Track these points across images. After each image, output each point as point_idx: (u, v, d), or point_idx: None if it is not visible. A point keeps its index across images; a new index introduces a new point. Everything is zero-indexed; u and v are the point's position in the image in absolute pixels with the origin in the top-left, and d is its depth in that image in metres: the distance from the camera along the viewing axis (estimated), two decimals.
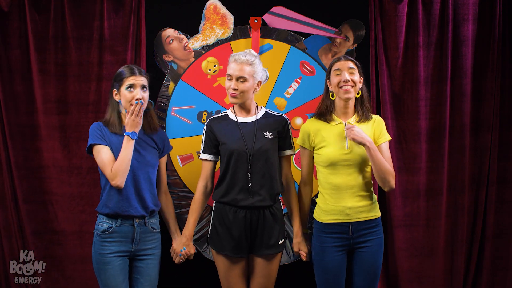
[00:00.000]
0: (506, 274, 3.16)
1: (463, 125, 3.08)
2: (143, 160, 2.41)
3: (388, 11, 3.03)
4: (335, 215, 2.40)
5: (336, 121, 2.45)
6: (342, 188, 2.39)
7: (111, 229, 2.35)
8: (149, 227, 2.42)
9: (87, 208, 2.99)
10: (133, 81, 2.38)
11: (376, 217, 2.44)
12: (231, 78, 2.44)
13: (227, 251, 2.44)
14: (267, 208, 2.45)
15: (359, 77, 2.43)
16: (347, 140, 2.39)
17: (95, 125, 2.43)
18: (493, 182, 3.13)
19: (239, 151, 2.42)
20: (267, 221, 2.44)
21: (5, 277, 3.01)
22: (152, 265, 2.43)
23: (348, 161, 2.38)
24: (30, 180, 2.99)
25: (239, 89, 2.42)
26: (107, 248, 2.34)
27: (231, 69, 2.44)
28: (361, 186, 2.40)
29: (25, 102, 2.98)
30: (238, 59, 2.43)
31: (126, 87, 2.38)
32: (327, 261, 2.40)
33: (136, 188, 2.38)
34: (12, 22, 2.95)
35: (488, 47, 3.10)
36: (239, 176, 2.42)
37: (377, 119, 2.49)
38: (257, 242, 2.45)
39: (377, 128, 2.45)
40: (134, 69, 2.42)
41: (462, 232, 3.10)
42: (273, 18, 2.99)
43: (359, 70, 2.44)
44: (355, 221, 2.38)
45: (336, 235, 2.40)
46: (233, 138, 2.45)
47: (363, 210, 2.39)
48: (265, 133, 2.47)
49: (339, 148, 2.40)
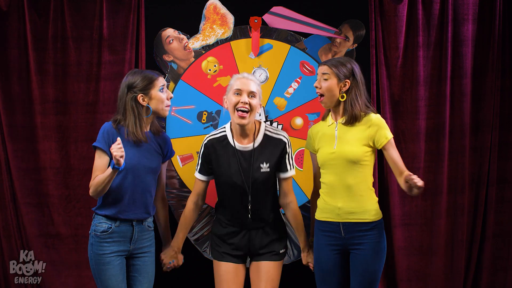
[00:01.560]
0: (506, 274, 3.16)
1: (463, 125, 3.09)
2: (149, 167, 2.40)
3: (388, 11, 3.03)
4: (327, 213, 2.38)
5: (329, 122, 2.44)
6: (334, 188, 2.36)
7: (111, 230, 2.34)
8: (145, 226, 2.43)
9: (83, 211, 2.98)
10: (163, 82, 2.43)
11: (370, 221, 2.33)
12: (241, 92, 2.39)
13: (227, 259, 2.49)
14: (267, 225, 2.50)
15: (335, 81, 2.34)
16: (336, 140, 2.37)
17: (106, 127, 2.37)
18: (493, 182, 3.13)
19: (236, 185, 2.43)
20: (269, 235, 2.50)
21: (5, 277, 3.00)
22: (149, 262, 2.45)
23: (334, 161, 2.35)
24: (26, 181, 2.99)
25: (251, 104, 2.38)
26: (106, 248, 2.33)
27: (241, 84, 2.40)
28: (352, 187, 2.33)
29: (23, 102, 2.98)
30: (247, 76, 2.45)
31: (160, 89, 2.39)
32: (322, 259, 2.39)
33: (139, 194, 2.37)
34: (11, 22, 2.94)
35: (488, 47, 3.10)
36: (238, 207, 2.47)
37: (373, 120, 2.35)
38: (258, 251, 2.49)
39: (372, 130, 2.34)
40: (155, 72, 2.45)
41: (462, 232, 3.10)
42: (273, 18, 2.99)
43: (337, 73, 2.34)
44: (346, 222, 2.34)
45: (329, 233, 2.38)
46: (230, 170, 2.44)
47: (354, 212, 2.33)
48: (261, 165, 2.43)
49: (328, 148, 2.38)
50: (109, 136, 2.33)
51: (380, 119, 2.38)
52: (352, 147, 2.33)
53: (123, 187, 2.33)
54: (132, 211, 2.36)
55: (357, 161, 2.33)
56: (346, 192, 2.34)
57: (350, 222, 2.34)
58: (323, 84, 2.36)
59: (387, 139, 2.34)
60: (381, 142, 2.34)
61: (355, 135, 2.35)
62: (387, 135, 2.35)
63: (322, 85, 2.37)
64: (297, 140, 3.05)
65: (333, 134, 2.39)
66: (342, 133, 2.37)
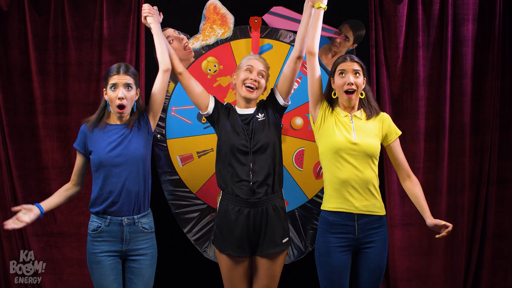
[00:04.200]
0: (506, 274, 3.16)
1: (463, 125, 3.09)
2: (131, 158, 2.35)
3: (388, 11, 3.04)
4: (341, 204, 2.38)
5: (342, 114, 2.41)
6: (349, 183, 2.38)
7: (100, 229, 2.34)
8: (139, 227, 2.38)
9: (85, 210, 2.98)
10: (116, 80, 2.33)
11: (383, 214, 2.38)
12: (252, 69, 2.50)
13: (230, 250, 2.44)
14: (270, 204, 2.45)
15: (363, 79, 2.40)
16: (354, 131, 2.36)
17: (81, 128, 2.43)
18: (493, 182, 3.13)
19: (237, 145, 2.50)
20: (270, 219, 2.44)
21: (5, 277, 3.01)
22: (145, 265, 2.40)
23: (354, 152, 2.34)
24: (29, 181, 2.99)
25: (259, 82, 2.50)
26: (97, 247, 2.34)
27: (253, 62, 2.51)
28: (368, 182, 2.35)
29: (24, 102, 2.98)
30: (259, 57, 2.56)
31: (110, 86, 2.35)
32: (332, 261, 2.36)
33: (124, 189, 2.34)
34: (12, 22, 2.95)
35: (488, 47, 3.10)
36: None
37: (384, 116, 2.45)
38: (260, 241, 2.44)
39: (385, 125, 2.42)
40: (120, 67, 2.37)
41: (462, 232, 3.10)
42: (273, 18, 2.99)
43: (364, 71, 2.41)
44: (361, 214, 2.33)
45: (341, 235, 2.35)
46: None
47: (369, 205, 2.35)
48: (257, 115, 2.52)
49: (345, 136, 2.35)
50: (83, 133, 2.41)
51: (388, 115, 2.47)
52: (372, 141, 2.36)
53: (104, 183, 2.35)
54: (117, 206, 2.33)
55: (373, 155, 2.36)
56: (362, 188, 2.33)
57: (366, 214, 2.34)
58: (357, 80, 2.37)
59: (397, 135, 2.44)
60: (391, 137, 2.42)
61: (372, 129, 2.38)
62: (397, 131, 2.45)
63: (356, 81, 2.37)
64: (297, 140, 3.06)
65: (349, 124, 2.38)
66: (359, 125, 2.38)
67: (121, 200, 2.34)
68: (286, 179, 3.01)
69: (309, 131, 3.04)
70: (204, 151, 3.04)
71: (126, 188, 2.34)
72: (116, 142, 2.35)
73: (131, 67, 2.41)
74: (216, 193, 2.92)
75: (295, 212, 3.07)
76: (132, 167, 2.34)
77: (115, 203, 2.34)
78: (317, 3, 2.43)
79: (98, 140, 2.36)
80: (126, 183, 2.34)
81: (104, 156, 2.34)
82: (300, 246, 3.07)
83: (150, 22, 2.54)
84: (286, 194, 3.03)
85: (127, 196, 2.34)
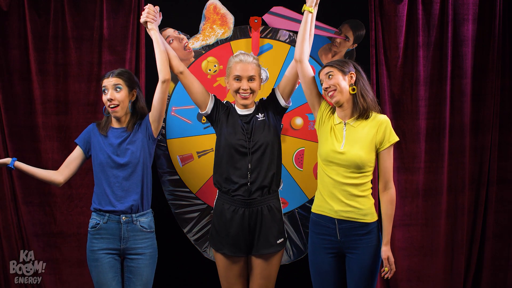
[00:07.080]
0: (506, 274, 3.16)
1: (463, 125, 3.08)
2: (130, 161, 2.42)
3: (388, 11, 3.03)
4: (323, 208, 2.41)
5: (337, 121, 2.40)
6: (334, 187, 2.38)
7: (98, 226, 2.38)
8: (138, 225, 2.41)
9: (85, 210, 2.98)
10: (105, 83, 2.43)
11: (368, 221, 2.33)
12: (240, 78, 2.46)
13: (225, 250, 2.45)
14: (265, 204, 2.45)
15: (341, 76, 2.34)
16: (344, 140, 2.34)
17: (90, 126, 2.54)
18: (493, 182, 3.13)
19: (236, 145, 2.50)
20: (265, 220, 2.44)
21: (5, 277, 3.01)
22: (144, 264, 2.41)
23: (340, 161, 2.33)
24: (29, 181, 2.99)
25: (251, 88, 2.47)
26: (96, 244, 2.38)
27: (240, 70, 2.45)
28: (352, 190, 2.33)
29: (24, 102, 2.98)
30: (244, 60, 2.47)
31: (102, 90, 2.45)
32: (318, 261, 2.39)
33: (123, 189, 2.40)
34: (11, 22, 2.95)
35: (488, 47, 3.10)
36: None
37: (382, 120, 2.34)
38: (256, 241, 2.45)
39: (380, 131, 2.33)
40: (112, 72, 2.45)
41: (462, 232, 3.10)
42: (273, 18, 2.99)
43: (340, 68, 2.35)
44: (341, 219, 2.32)
45: (324, 236, 2.36)
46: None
47: (351, 211, 2.33)
48: (257, 115, 2.52)
49: (334, 145, 2.34)
50: (88, 132, 2.51)
51: (388, 121, 2.37)
52: (360, 152, 2.31)
53: (100, 179, 2.43)
54: (110, 204, 2.39)
55: (362, 165, 2.32)
56: (344, 194, 2.32)
57: (346, 220, 2.32)
58: (330, 81, 2.35)
59: (391, 143, 2.34)
60: (384, 145, 2.34)
61: (364, 138, 2.32)
62: (392, 138, 2.34)
63: (329, 82, 2.35)
64: (297, 140, 3.06)
65: (341, 132, 2.37)
66: (351, 134, 2.34)
67: (120, 200, 2.40)
68: (286, 179, 3.02)
69: (309, 131, 3.05)
70: (204, 151, 3.04)
71: (125, 189, 2.40)
72: (116, 144, 2.42)
73: (122, 70, 2.48)
74: (216, 193, 2.92)
75: (295, 212, 3.07)
76: (130, 169, 2.41)
77: (113, 203, 2.39)
78: (305, 6, 2.45)
79: (100, 142, 2.44)
80: (124, 184, 2.40)
81: (103, 157, 2.42)
82: (300, 246, 3.07)
83: (150, 28, 2.51)
84: (286, 194, 3.04)
85: (126, 196, 2.40)
